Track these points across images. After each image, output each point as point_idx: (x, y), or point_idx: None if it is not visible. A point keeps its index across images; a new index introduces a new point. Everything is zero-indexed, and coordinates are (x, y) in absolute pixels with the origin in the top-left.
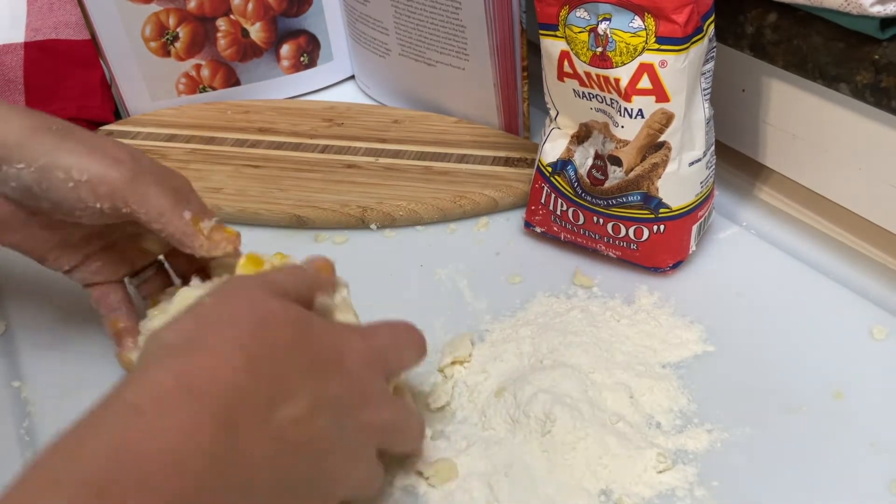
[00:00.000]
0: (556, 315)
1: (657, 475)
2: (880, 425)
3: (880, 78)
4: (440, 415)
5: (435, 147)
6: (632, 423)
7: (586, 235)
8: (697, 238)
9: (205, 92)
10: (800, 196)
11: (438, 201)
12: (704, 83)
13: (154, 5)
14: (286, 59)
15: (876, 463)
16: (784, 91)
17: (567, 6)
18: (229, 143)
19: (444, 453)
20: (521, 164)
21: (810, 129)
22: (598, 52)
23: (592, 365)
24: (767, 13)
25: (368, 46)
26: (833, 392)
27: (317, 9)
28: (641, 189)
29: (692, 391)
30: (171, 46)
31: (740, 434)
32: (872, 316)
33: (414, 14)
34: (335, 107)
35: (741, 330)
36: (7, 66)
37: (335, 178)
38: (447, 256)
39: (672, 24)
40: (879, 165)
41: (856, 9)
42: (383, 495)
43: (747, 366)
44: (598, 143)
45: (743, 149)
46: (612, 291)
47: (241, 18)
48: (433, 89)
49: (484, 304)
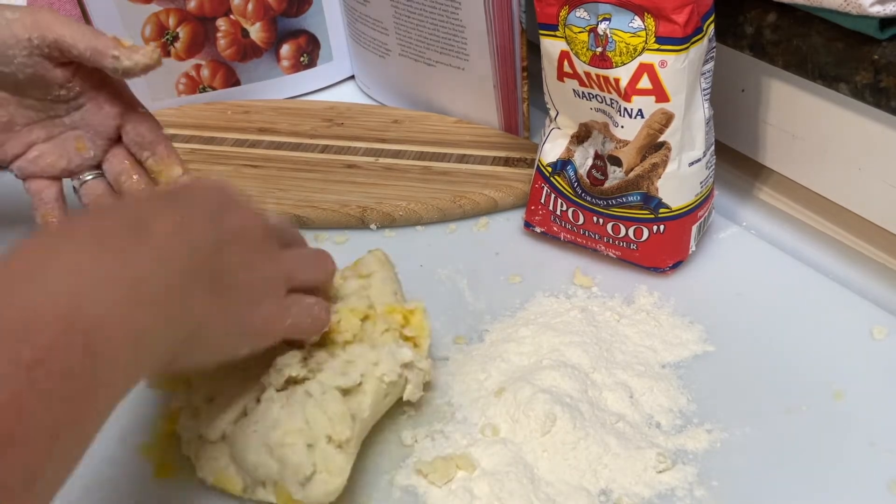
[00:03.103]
0: (556, 315)
1: (657, 475)
2: (880, 425)
3: (880, 78)
4: (440, 414)
5: (435, 147)
6: (632, 423)
7: (586, 235)
8: (697, 238)
9: (205, 92)
10: (800, 196)
11: (438, 201)
12: (704, 83)
13: (154, 5)
14: (286, 59)
15: (876, 463)
16: (784, 91)
17: (567, 6)
18: (229, 143)
19: (444, 453)
20: (521, 164)
21: (810, 129)
22: (598, 52)
23: (592, 365)
24: (767, 13)
25: (368, 46)
26: (833, 392)
27: (317, 9)
28: (641, 189)
29: (692, 391)
30: (171, 46)
31: (740, 434)
32: (872, 316)
33: (414, 14)
34: (335, 107)
35: (741, 330)
36: None
37: (335, 178)
38: (447, 256)
39: (672, 24)
40: (879, 165)
41: (855, 9)
42: (383, 495)
43: (747, 366)
44: (598, 143)
45: (743, 149)
46: (612, 291)
47: (241, 18)
48: (433, 89)
49: (484, 304)
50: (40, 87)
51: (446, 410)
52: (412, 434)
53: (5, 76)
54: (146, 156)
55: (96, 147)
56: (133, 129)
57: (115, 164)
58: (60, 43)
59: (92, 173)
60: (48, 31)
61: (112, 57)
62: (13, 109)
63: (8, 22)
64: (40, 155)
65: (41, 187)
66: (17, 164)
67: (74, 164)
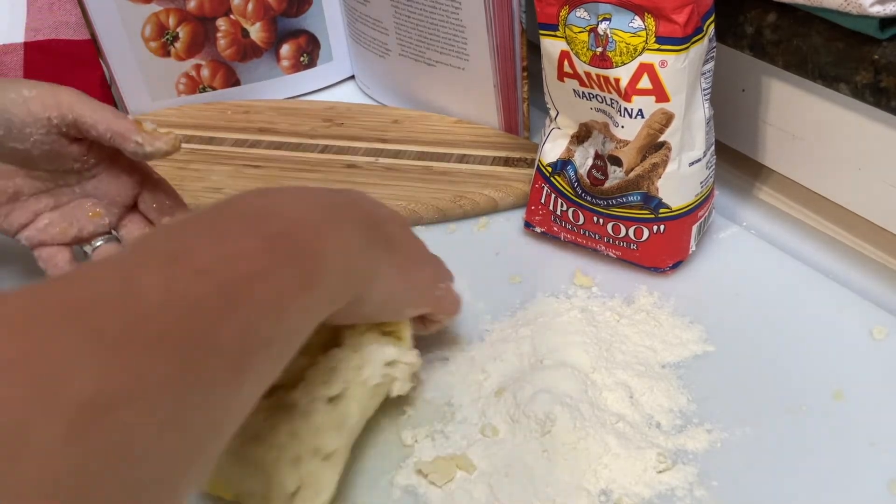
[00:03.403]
0: (556, 315)
1: (657, 475)
2: (880, 425)
3: (880, 78)
4: (440, 414)
5: (435, 147)
6: (632, 423)
7: (586, 235)
8: (697, 238)
9: (205, 92)
10: (800, 196)
11: (438, 201)
12: (704, 83)
13: (154, 5)
14: (286, 59)
15: (876, 463)
16: (784, 91)
17: (567, 6)
18: (229, 143)
19: (444, 453)
20: (521, 164)
21: (810, 129)
22: (598, 52)
23: (592, 365)
24: (767, 13)
25: (368, 46)
26: (833, 392)
27: (317, 9)
28: (641, 189)
29: (692, 391)
30: (171, 46)
31: (740, 434)
32: (872, 316)
33: (414, 14)
34: (335, 107)
35: (741, 330)
36: (7, 66)
37: (335, 178)
38: (447, 256)
39: (672, 24)
40: (879, 165)
41: (856, 9)
42: (383, 495)
43: (747, 366)
44: (598, 143)
45: (743, 149)
46: (612, 291)
47: (241, 18)
48: (433, 89)
49: (484, 304)
50: (54, 161)
51: (446, 410)
52: (412, 434)
53: (18, 151)
54: (166, 221)
55: (111, 214)
56: (152, 198)
57: (134, 231)
58: (80, 123)
59: (103, 238)
60: (69, 111)
61: (135, 143)
62: (20, 181)
63: (25, 100)
64: (50, 223)
65: (52, 253)
66: (26, 233)
67: (87, 232)
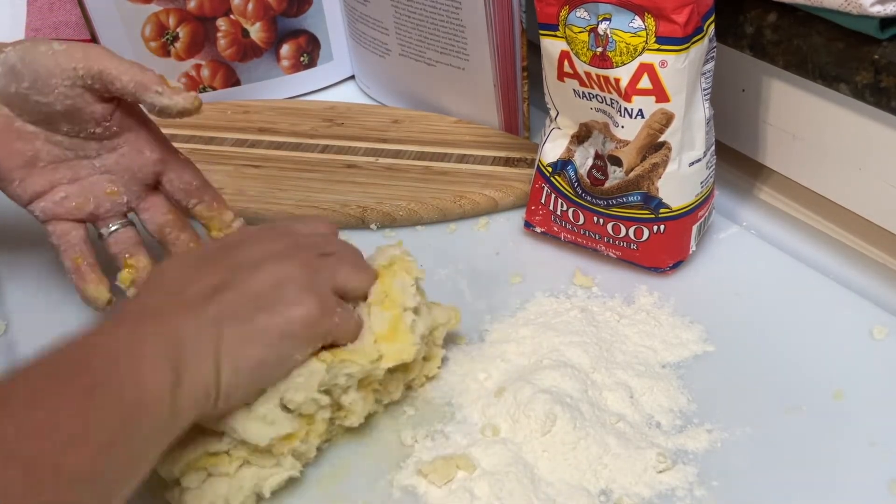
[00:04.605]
0: (556, 315)
1: (657, 475)
2: (880, 425)
3: (880, 78)
4: (440, 414)
5: (435, 147)
6: (632, 423)
7: (586, 235)
8: (697, 238)
9: (205, 92)
10: (800, 196)
11: (438, 201)
12: (704, 83)
13: (154, 5)
14: (286, 59)
15: (876, 463)
16: (784, 91)
17: (567, 6)
18: (229, 143)
19: (444, 453)
20: (521, 164)
21: (810, 129)
22: (598, 52)
23: (592, 365)
24: (767, 13)
25: (368, 46)
26: (833, 392)
27: (317, 9)
28: (641, 189)
29: (692, 391)
30: (171, 46)
31: (740, 434)
32: (872, 316)
33: (414, 14)
34: (335, 107)
35: (741, 330)
36: None
37: (335, 178)
38: (447, 256)
39: (672, 24)
40: (879, 165)
41: (856, 9)
42: (383, 495)
43: (747, 366)
44: (598, 143)
45: (743, 149)
46: (612, 291)
47: (241, 18)
48: (433, 89)
49: (484, 304)
50: (76, 121)
51: (446, 410)
52: (412, 434)
53: (41, 106)
54: (194, 203)
55: (130, 193)
56: (178, 177)
57: (157, 216)
58: (105, 74)
59: (119, 221)
60: (95, 62)
61: (155, 91)
62: (39, 145)
63: (54, 52)
64: (66, 197)
65: (66, 229)
66: (41, 204)
67: (103, 210)
